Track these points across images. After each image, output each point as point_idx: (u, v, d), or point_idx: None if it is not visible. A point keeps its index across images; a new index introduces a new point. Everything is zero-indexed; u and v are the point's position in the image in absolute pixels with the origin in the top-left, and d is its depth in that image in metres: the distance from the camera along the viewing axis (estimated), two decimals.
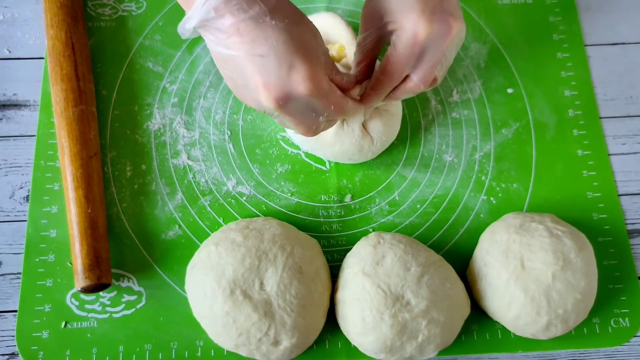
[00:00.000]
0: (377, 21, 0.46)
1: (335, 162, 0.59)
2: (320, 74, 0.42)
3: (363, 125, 0.55)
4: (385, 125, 0.55)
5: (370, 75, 0.51)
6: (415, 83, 0.48)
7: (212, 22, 0.40)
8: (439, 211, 0.58)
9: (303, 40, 0.41)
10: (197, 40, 0.64)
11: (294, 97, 0.41)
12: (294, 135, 0.58)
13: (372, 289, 0.49)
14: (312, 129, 0.46)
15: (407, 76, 0.48)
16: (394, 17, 0.44)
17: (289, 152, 0.60)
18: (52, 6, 0.60)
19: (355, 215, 0.58)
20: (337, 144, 0.55)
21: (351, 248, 0.54)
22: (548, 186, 0.59)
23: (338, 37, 0.59)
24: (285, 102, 0.41)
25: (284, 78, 0.40)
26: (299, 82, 0.40)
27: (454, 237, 0.57)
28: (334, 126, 0.54)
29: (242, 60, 0.40)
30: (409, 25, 0.43)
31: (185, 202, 0.57)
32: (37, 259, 0.55)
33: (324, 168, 0.60)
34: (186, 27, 0.41)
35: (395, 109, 0.57)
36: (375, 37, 0.48)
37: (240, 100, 0.45)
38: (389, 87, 0.48)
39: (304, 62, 0.40)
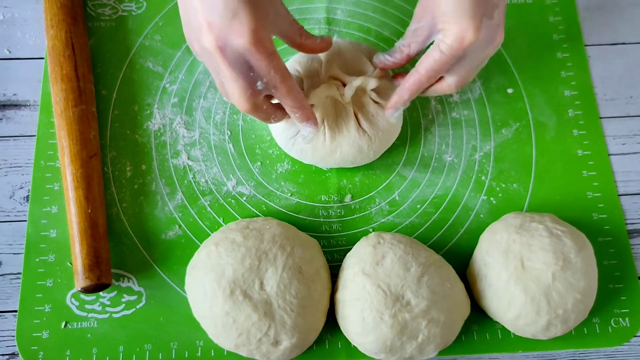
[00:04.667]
0: (429, 17, 0.47)
1: None
2: (263, 31, 0.42)
3: (358, 124, 0.55)
4: (379, 121, 0.55)
5: (403, 65, 0.52)
6: (448, 85, 0.49)
7: None
8: (439, 211, 0.58)
9: None
10: None
11: (232, 44, 0.42)
12: (290, 150, 0.57)
13: (372, 289, 0.49)
14: (247, 94, 0.45)
15: (440, 77, 0.50)
16: (446, 17, 0.45)
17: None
18: (52, 6, 0.60)
19: (355, 215, 0.58)
20: (337, 150, 0.55)
21: (351, 248, 0.54)
22: (548, 186, 0.59)
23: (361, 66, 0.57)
24: (225, 45, 0.42)
25: (227, 23, 0.41)
26: (239, 32, 0.41)
27: (454, 237, 0.57)
28: (329, 133, 0.54)
29: None
30: (457, 29, 0.44)
31: (185, 202, 0.57)
32: (37, 259, 0.55)
33: (324, 168, 0.60)
34: None
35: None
36: (425, 31, 0.48)
37: (188, 42, 0.46)
38: (425, 84, 0.49)
39: (249, 13, 0.41)
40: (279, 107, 0.50)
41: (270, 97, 0.49)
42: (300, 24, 0.49)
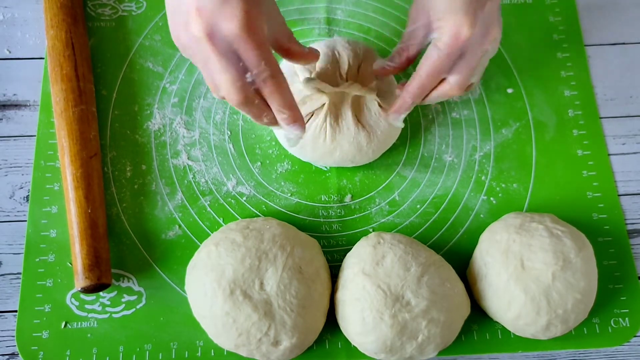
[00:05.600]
0: (423, 17, 0.47)
1: None
2: (255, 18, 0.40)
3: (357, 119, 0.55)
4: (378, 119, 0.55)
5: (405, 69, 0.52)
6: (451, 85, 0.49)
7: None
8: (439, 211, 0.58)
9: None
10: None
11: (222, 30, 0.40)
12: (290, 145, 0.57)
13: (372, 289, 0.49)
14: (237, 85, 0.42)
15: (443, 79, 0.49)
16: (439, 15, 0.45)
17: (289, 152, 0.59)
18: (52, 6, 0.60)
19: (355, 215, 0.58)
20: (336, 149, 0.55)
21: (351, 248, 0.54)
22: (548, 186, 0.59)
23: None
24: (214, 32, 0.40)
25: (217, 7, 0.39)
26: (230, 16, 0.40)
27: (454, 237, 0.57)
28: (330, 132, 0.54)
29: None
30: (452, 26, 0.45)
31: (185, 202, 0.57)
32: (37, 259, 0.55)
33: (324, 168, 0.60)
34: None
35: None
36: (421, 32, 0.48)
37: (173, 35, 0.44)
38: (427, 87, 0.49)
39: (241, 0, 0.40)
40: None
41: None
42: (290, 29, 0.48)
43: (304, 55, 0.49)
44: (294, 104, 0.46)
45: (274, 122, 0.48)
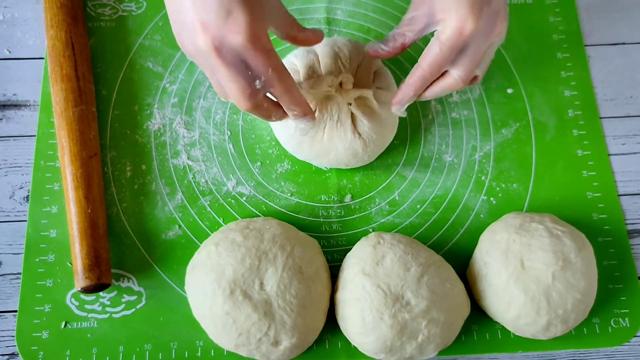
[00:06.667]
0: (427, 5, 0.46)
1: None
2: (259, 28, 0.41)
3: (354, 126, 0.55)
4: (375, 127, 0.55)
5: (398, 55, 0.51)
6: (454, 79, 0.48)
7: None
8: (439, 211, 0.58)
9: None
10: None
11: (229, 43, 0.40)
12: (287, 142, 0.57)
13: (372, 289, 0.49)
14: (246, 93, 0.44)
15: (445, 72, 0.48)
16: (444, 7, 0.44)
17: (289, 152, 0.59)
18: (52, 6, 0.60)
19: (355, 215, 0.58)
20: (331, 151, 0.55)
21: (351, 248, 0.54)
22: (548, 186, 0.59)
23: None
24: (221, 45, 0.41)
25: (222, 22, 0.40)
26: (235, 30, 0.40)
27: (454, 237, 0.57)
28: (328, 130, 0.54)
29: None
30: (456, 19, 0.43)
31: (185, 202, 0.57)
32: (37, 259, 0.55)
33: (324, 168, 0.60)
34: None
35: (386, 112, 0.55)
36: (422, 21, 0.47)
37: (178, 41, 0.44)
38: (428, 79, 0.48)
39: (244, 10, 0.40)
40: (279, 104, 0.49)
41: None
42: (292, 16, 0.48)
43: (310, 40, 0.50)
44: (302, 99, 0.48)
45: (283, 117, 0.49)
